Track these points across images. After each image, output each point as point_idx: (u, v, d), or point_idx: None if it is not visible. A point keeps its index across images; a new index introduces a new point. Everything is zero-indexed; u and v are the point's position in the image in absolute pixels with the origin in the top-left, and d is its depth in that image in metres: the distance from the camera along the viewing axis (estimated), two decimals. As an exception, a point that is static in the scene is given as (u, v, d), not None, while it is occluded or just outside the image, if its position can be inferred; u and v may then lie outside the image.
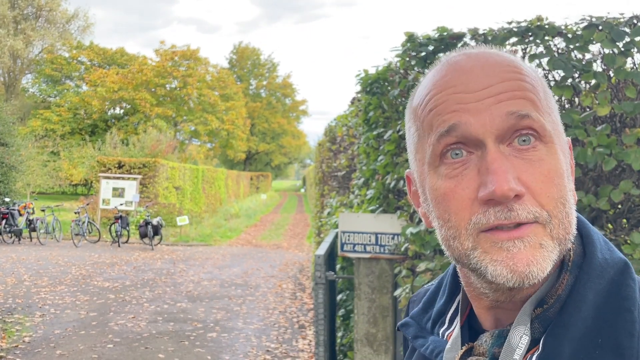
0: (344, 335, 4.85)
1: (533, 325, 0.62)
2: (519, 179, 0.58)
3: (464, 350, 0.67)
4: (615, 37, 2.56)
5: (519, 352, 0.61)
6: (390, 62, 3.43)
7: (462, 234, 0.60)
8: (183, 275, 10.66)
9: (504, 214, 0.57)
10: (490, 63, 0.61)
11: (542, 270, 0.58)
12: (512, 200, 0.57)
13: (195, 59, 38.78)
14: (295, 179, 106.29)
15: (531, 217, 0.58)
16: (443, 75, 0.63)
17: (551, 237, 0.59)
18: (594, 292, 0.60)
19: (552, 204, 0.59)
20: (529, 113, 0.59)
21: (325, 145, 8.10)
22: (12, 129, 17.83)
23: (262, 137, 55.26)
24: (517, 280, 0.58)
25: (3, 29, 35.31)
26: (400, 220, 3.26)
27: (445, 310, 0.74)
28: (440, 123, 0.61)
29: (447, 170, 0.61)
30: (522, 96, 0.59)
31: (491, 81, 0.60)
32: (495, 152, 0.58)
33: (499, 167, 0.57)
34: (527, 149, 0.59)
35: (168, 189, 19.25)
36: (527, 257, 0.57)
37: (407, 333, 0.77)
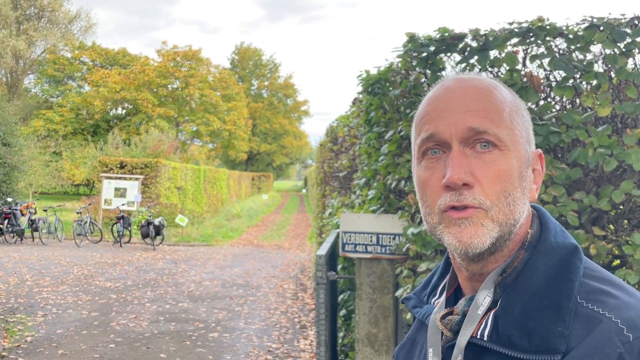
0: (346, 336, 4.86)
1: (496, 290, 0.80)
2: (472, 174, 0.77)
3: (447, 312, 0.85)
4: (616, 38, 2.57)
5: (482, 309, 0.79)
6: (391, 62, 3.44)
7: (433, 212, 0.80)
8: (185, 275, 10.68)
9: (455, 197, 0.77)
10: (468, 87, 0.82)
11: (481, 243, 0.77)
12: (462, 188, 0.77)
13: (197, 59, 38.80)
14: (297, 180, 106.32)
15: (476, 202, 0.76)
16: (435, 94, 0.84)
17: (492, 220, 0.77)
18: (545, 266, 0.78)
19: (495, 196, 0.77)
20: (487, 129, 0.78)
21: (326, 146, 8.11)
22: (14, 129, 17.87)
23: (264, 138, 55.26)
24: (462, 248, 0.77)
25: (5, 30, 35.36)
26: (401, 221, 3.26)
27: (438, 284, 0.93)
28: (425, 130, 0.81)
29: (426, 163, 0.82)
30: (484, 115, 0.79)
31: (464, 101, 0.80)
32: (457, 151, 0.78)
33: (455, 162, 0.77)
34: (484, 152, 0.78)
35: (170, 189, 19.27)
36: (471, 232, 0.77)
37: (408, 304, 0.97)
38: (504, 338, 0.75)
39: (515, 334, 0.74)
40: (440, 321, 0.84)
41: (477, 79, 0.84)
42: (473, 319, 0.79)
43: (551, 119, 2.57)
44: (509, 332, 0.75)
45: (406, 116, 3.12)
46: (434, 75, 2.97)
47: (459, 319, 0.82)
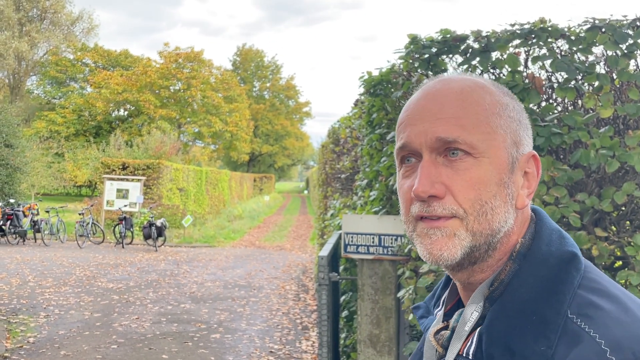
0: (348, 337, 4.86)
1: (485, 305, 0.75)
2: (443, 183, 0.74)
3: (442, 326, 0.82)
4: (618, 39, 2.57)
5: (469, 325, 0.75)
6: (393, 64, 3.44)
7: (407, 220, 0.78)
8: (187, 276, 10.69)
9: (425, 208, 0.75)
10: (444, 91, 0.78)
11: (452, 255, 0.74)
12: (431, 199, 0.74)
13: (199, 61, 38.87)
14: (299, 181, 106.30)
15: (447, 212, 0.74)
16: (412, 99, 0.81)
17: (466, 229, 0.74)
18: (534, 278, 0.73)
19: (469, 204, 0.73)
20: (456, 138, 0.74)
21: (328, 147, 8.12)
22: (17, 130, 17.91)
23: (266, 139, 55.31)
24: (432, 260, 0.75)
25: (8, 31, 35.46)
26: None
27: (441, 295, 0.90)
28: (399, 139, 0.80)
29: (403, 171, 0.80)
30: (455, 122, 0.75)
31: (434, 108, 0.77)
32: (427, 161, 0.75)
33: (422, 173, 0.75)
34: (455, 160, 0.75)
35: (172, 190, 19.29)
36: (441, 244, 0.74)
37: (417, 314, 0.94)
38: (487, 357, 0.70)
39: (497, 353, 0.69)
40: (434, 336, 0.81)
41: (456, 81, 0.80)
42: (460, 335, 0.76)
43: (553, 121, 2.58)
44: (492, 350, 0.70)
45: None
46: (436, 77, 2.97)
47: (449, 335, 0.79)
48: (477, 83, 0.80)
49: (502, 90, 0.81)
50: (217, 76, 42.14)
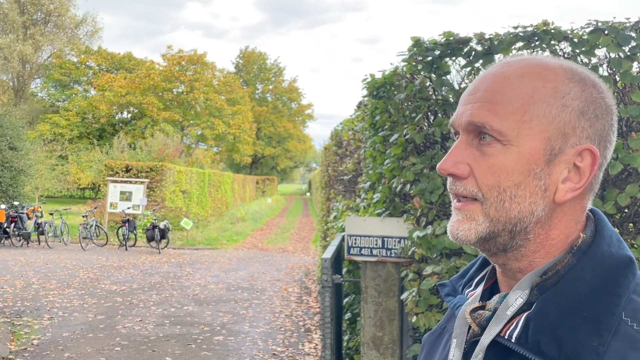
0: (351, 339, 4.86)
1: (532, 292, 0.76)
2: (468, 164, 0.77)
3: (478, 305, 0.82)
4: (621, 42, 2.57)
5: (511, 310, 0.76)
6: (396, 66, 3.45)
7: None
8: (190, 278, 10.70)
9: (451, 185, 0.79)
10: (493, 75, 0.78)
11: (465, 237, 0.77)
12: (454, 178, 0.78)
13: (202, 63, 38.95)
14: (301, 183, 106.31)
15: (467, 193, 0.77)
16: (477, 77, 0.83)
17: (484, 214, 0.76)
18: (592, 275, 0.73)
19: (486, 189, 0.75)
20: (484, 124, 0.75)
21: (331, 149, 8.12)
22: (21, 133, 17.97)
23: (268, 141, 55.36)
24: (452, 238, 0.79)
25: (12, 34, 35.61)
26: (406, 224, 3.27)
27: (475, 276, 0.91)
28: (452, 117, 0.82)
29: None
30: (489, 108, 0.76)
31: (478, 90, 0.78)
32: (460, 141, 0.78)
33: (451, 152, 0.78)
34: (484, 144, 0.76)
35: (175, 192, 19.32)
36: (460, 225, 0.78)
37: (442, 291, 0.95)
38: (533, 343, 0.70)
39: (544, 341, 0.70)
40: (470, 314, 0.81)
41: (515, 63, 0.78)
42: (501, 318, 0.76)
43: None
44: (539, 337, 0.70)
45: (411, 120, 3.14)
46: (439, 79, 2.98)
47: (489, 315, 0.78)
48: (535, 68, 0.77)
49: (572, 75, 0.77)
50: (220, 79, 42.22)
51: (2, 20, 35.77)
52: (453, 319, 0.88)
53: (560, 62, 0.79)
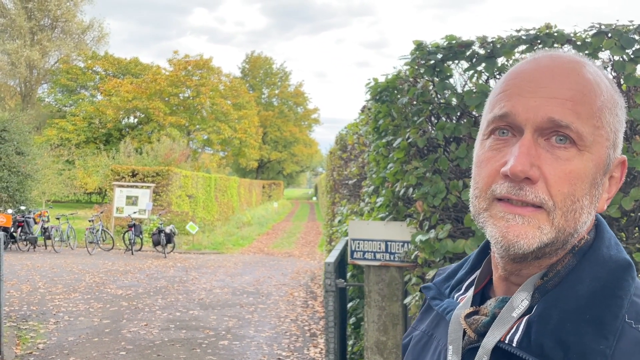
0: (355, 343, 4.84)
1: (534, 295, 0.73)
2: (539, 168, 0.69)
3: (471, 310, 0.78)
4: (624, 44, 2.56)
5: (517, 312, 0.72)
6: (399, 70, 3.45)
7: (482, 196, 0.73)
8: (195, 282, 10.71)
9: (514, 190, 0.70)
10: (561, 68, 0.72)
11: (528, 245, 0.69)
12: (524, 182, 0.69)
13: (208, 68, 39.09)
14: (307, 187, 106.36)
15: (537, 201, 0.69)
16: (521, 67, 0.75)
17: (551, 224, 0.70)
18: (592, 277, 0.71)
19: (560, 198, 0.69)
20: (569, 124, 0.69)
21: (336, 154, 8.12)
22: (28, 138, 18.08)
23: (274, 146, 55.43)
24: (505, 244, 0.70)
25: (20, 40, 35.88)
26: (410, 228, 3.26)
27: (464, 279, 0.87)
28: (499, 107, 0.73)
29: (492, 143, 0.74)
30: (570, 107, 0.69)
31: (551, 84, 0.71)
32: (528, 139, 0.70)
33: (522, 151, 0.69)
34: (559, 147, 0.69)
35: (181, 197, 19.37)
36: (520, 230, 0.69)
37: (427, 294, 0.90)
38: (536, 346, 0.68)
39: (548, 344, 0.67)
40: (465, 319, 0.77)
41: (575, 61, 0.73)
42: (505, 320, 0.72)
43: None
44: (542, 340, 0.68)
45: (414, 123, 3.13)
46: (442, 83, 2.98)
47: (487, 320, 0.75)
48: (597, 71, 0.74)
49: (614, 85, 0.76)
50: (226, 83, 42.35)
51: (10, 26, 36.06)
52: (442, 325, 0.84)
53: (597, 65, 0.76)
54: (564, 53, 0.75)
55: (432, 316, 0.89)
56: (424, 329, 0.89)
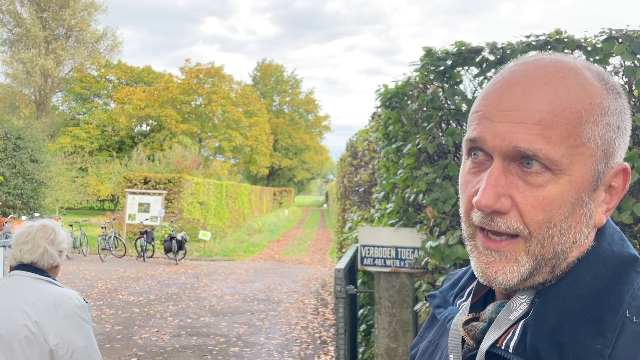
0: (366, 350, 4.82)
1: (534, 299, 0.70)
2: (511, 197, 0.66)
3: (471, 317, 0.76)
4: (635, 50, 2.55)
5: (515, 314, 0.70)
6: (409, 76, 3.45)
7: (465, 222, 0.72)
8: (206, 289, 10.73)
9: (486, 221, 0.68)
10: (533, 85, 0.66)
11: (507, 281, 0.68)
12: (493, 213, 0.67)
13: (220, 76, 39.36)
14: (318, 195, 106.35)
15: (511, 230, 0.67)
16: (497, 82, 0.71)
17: (527, 252, 0.67)
18: (592, 275, 0.68)
19: (535, 226, 0.66)
20: (536, 152, 0.64)
21: (346, 160, 8.13)
22: (42, 145, 18.29)
23: (285, 153, 55.55)
24: (484, 279, 0.70)
25: (35, 49, 36.41)
26: (420, 234, 3.25)
27: (467, 285, 0.85)
28: (471, 129, 0.71)
29: (470, 165, 0.72)
30: (538, 132, 0.65)
31: (520, 107, 0.66)
32: (497, 168, 0.67)
33: (489, 183, 0.66)
34: (530, 173, 0.66)
35: (192, 204, 19.46)
36: (498, 267, 0.68)
37: (432, 303, 0.87)
38: (531, 351, 0.65)
39: (544, 348, 0.64)
40: (463, 326, 0.75)
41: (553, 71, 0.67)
42: (502, 323, 0.70)
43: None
44: (538, 345, 0.65)
45: (424, 129, 3.13)
46: (451, 89, 2.98)
47: (485, 326, 0.72)
48: (577, 77, 0.67)
49: (606, 84, 0.69)
50: (238, 91, 42.60)
51: (25, 35, 36.61)
52: (446, 334, 0.81)
53: (588, 65, 0.70)
54: (544, 58, 0.70)
55: (438, 325, 0.87)
56: (430, 339, 0.88)
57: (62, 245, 2.28)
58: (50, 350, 2.08)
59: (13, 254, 2.20)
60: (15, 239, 2.21)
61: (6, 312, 2.08)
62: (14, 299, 2.11)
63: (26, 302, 2.10)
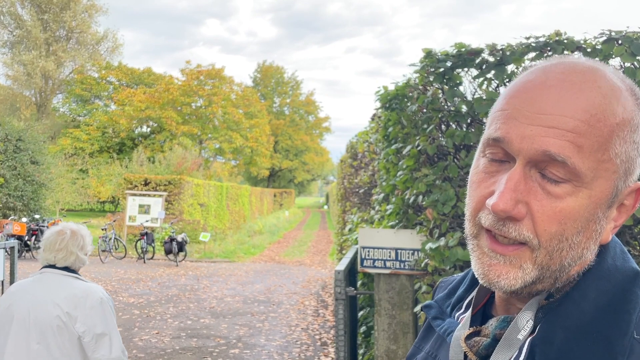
0: (366, 352, 4.82)
1: (537, 315, 0.68)
2: (527, 204, 0.63)
3: (472, 331, 0.73)
4: (635, 51, 2.55)
5: (523, 333, 0.67)
6: (409, 78, 3.45)
7: (471, 221, 0.69)
8: (207, 291, 10.73)
9: (497, 225, 0.65)
10: (570, 89, 0.63)
11: (509, 285, 0.66)
12: (507, 219, 0.64)
13: (220, 77, 39.38)
14: (319, 196, 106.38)
15: (521, 238, 0.64)
16: (529, 81, 0.67)
17: (534, 262, 0.65)
18: (597, 292, 0.66)
19: (546, 237, 0.64)
20: (566, 159, 0.62)
21: (347, 162, 8.13)
22: (42, 147, 18.31)
23: (286, 154, 55.58)
24: (486, 282, 0.67)
25: (35, 51, 36.45)
26: (419, 236, 3.25)
27: (464, 297, 0.82)
28: (494, 129, 0.67)
29: (485, 164, 0.68)
30: (571, 139, 0.62)
31: (554, 110, 0.63)
32: (518, 172, 0.63)
33: (508, 186, 0.63)
34: (551, 183, 0.63)
35: (193, 205, 19.46)
36: (501, 270, 0.66)
37: (428, 314, 0.84)
38: None
39: None
40: (465, 342, 0.72)
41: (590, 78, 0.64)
42: (511, 343, 0.67)
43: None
44: None
45: (424, 131, 3.13)
46: (451, 90, 2.98)
47: (488, 342, 0.70)
48: (614, 89, 0.64)
49: (637, 100, 0.66)
50: (238, 92, 42.62)
51: (26, 37, 36.66)
52: (444, 346, 0.79)
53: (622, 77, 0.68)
54: (581, 64, 0.66)
55: (435, 336, 0.84)
56: (427, 350, 0.84)
57: (87, 248, 2.65)
58: (78, 337, 2.43)
59: (47, 259, 2.56)
60: (48, 245, 2.56)
61: (41, 305, 2.42)
62: (47, 293, 2.46)
63: (58, 296, 2.45)
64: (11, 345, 2.39)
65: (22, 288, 2.52)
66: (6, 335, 2.42)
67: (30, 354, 2.38)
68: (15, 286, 2.57)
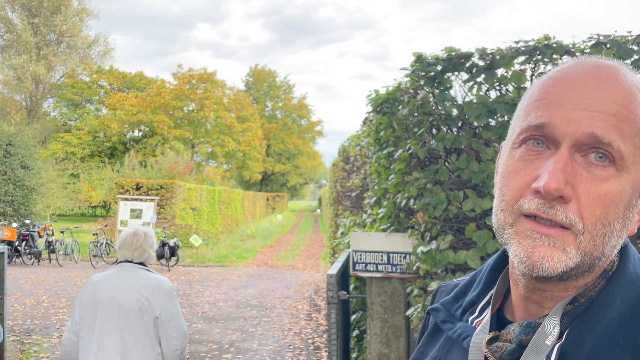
0: (358, 356, 4.81)
1: (562, 320, 0.68)
2: (573, 187, 0.64)
3: (492, 336, 0.73)
4: (623, 55, 2.57)
5: (551, 339, 0.67)
6: (400, 82, 3.47)
7: (508, 210, 0.68)
8: (199, 296, 10.68)
9: (544, 208, 0.65)
10: (607, 79, 0.66)
11: (553, 269, 0.65)
12: (556, 200, 0.64)
13: (212, 81, 39.32)
14: (312, 200, 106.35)
15: (567, 222, 0.64)
16: (566, 72, 0.69)
17: (577, 247, 0.65)
18: (622, 299, 0.67)
19: (591, 221, 0.64)
20: (611, 142, 0.64)
21: (339, 165, 8.14)
22: (33, 152, 18.20)
23: (278, 158, 55.53)
24: (528, 264, 0.66)
25: (26, 55, 36.26)
26: (411, 239, 3.25)
27: (477, 301, 0.81)
28: (535, 116, 0.67)
29: (523, 153, 0.68)
30: (614, 123, 0.64)
31: (596, 96, 0.65)
32: (564, 155, 0.64)
33: (557, 167, 0.63)
34: (597, 166, 0.64)
35: (185, 210, 19.39)
36: (546, 252, 0.65)
37: (437, 317, 0.84)
38: None
39: None
40: (487, 347, 0.72)
41: (620, 71, 0.67)
42: (540, 349, 0.67)
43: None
44: None
45: (414, 135, 3.14)
46: (442, 94, 2.99)
47: (512, 347, 0.69)
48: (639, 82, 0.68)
49: None
50: (230, 96, 42.56)
51: (16, 41, 36.47)
52: (455, 350, 0.79)
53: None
54: (606, 60, 0.69)
55: (443, 340, 0.83)
56: (435, 355, 0.83)
57: (155, 247, 3.14)
58: (155, 318, 2.91)
59: (124, 255, 3.04)
60: (126, 245, 3.04)
61: (125, 290, 2.92)
62: (130, 281, 2.96)
63: (138, 284, 2.94)
64: (99, 324, 2.88)
65: (105, 278, 3.03)
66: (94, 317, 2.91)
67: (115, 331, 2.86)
68: (97, 277, 3.08)
